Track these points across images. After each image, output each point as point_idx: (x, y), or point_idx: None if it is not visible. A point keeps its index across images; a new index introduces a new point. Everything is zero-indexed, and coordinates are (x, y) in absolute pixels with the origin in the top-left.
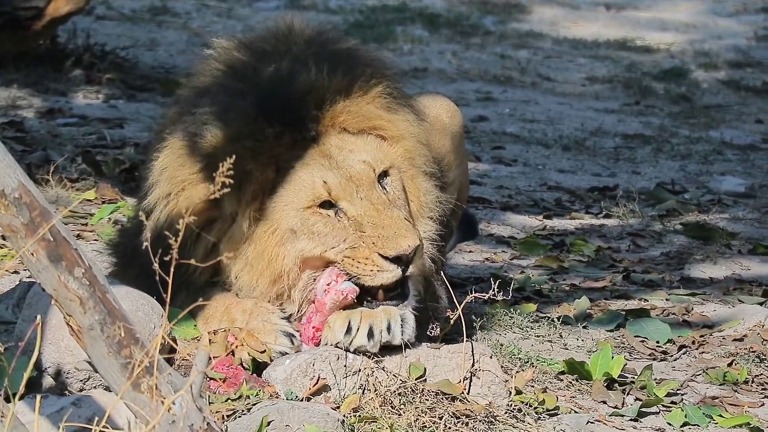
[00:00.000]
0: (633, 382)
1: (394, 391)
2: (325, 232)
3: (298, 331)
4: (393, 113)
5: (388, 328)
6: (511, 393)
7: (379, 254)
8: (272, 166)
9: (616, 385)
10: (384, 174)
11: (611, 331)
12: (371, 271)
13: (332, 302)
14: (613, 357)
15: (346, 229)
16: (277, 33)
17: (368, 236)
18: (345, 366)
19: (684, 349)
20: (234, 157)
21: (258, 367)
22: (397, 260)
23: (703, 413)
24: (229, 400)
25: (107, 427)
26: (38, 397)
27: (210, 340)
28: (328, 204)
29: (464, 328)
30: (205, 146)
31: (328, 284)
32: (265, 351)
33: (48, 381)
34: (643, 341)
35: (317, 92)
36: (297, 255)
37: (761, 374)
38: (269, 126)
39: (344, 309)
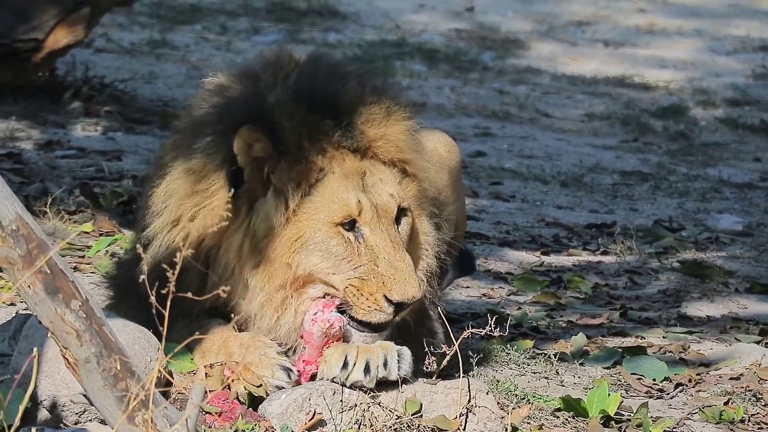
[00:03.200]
0: (629, 420)
1: (390, 427)
2: (341, 255)
3: (294, 365)
4: (416, 150)
5: (385, 364)
6: (507, 429)
7: (385, 295)
8: (322, 159)
9: (613, 422)
10: (402, 212)
11: (608, 368)
12: (369, 307)
13: (319, 331)
14: (609, 394)
15: (360, 258)
16: (299, 57)
17: (380, 273)
18: (341, 401)
19: (680, 387)
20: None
21: (254, 402)
22: (398, 305)
23: None
24: None
25: None
26: (34, 429)
27: (206, 373)
28: (351, 224)
29: (461, 364)
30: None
31: (315, 314)
32: (261, 385)
33: (44, 414)
34: (639, 379)
35: (364, 106)
36: (307, 269)
37: (757, 413)
38: (323, 118)
39: (336, 341)
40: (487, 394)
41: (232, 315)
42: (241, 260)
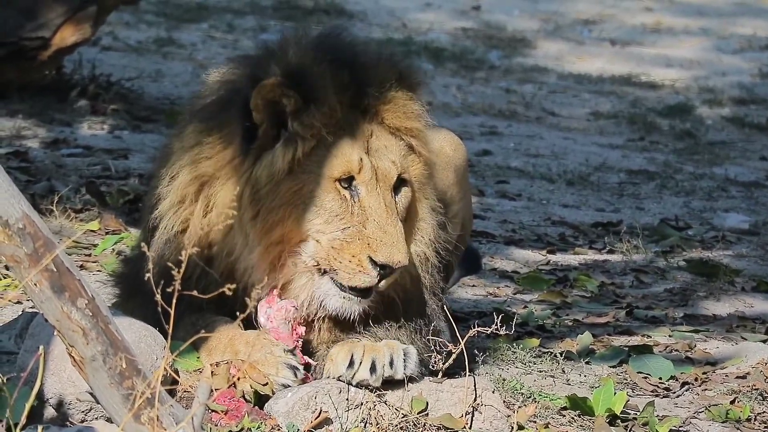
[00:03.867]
0: (635, 419)
1: (396, 425)
2: (334, 211)
3: (302, 364)
4: (423, 123)
5: (391, 363)
6: (513, 428)
7: (369, 256)
8: (339, 112)
9: (619, 421)
10: (401, 183)
11: (614, 367)
12: (353, 269)
13: (281, 321)
14: (615, 393)
15: (352, 218)
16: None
17: (367, 234)
18: (347, 399)
19: (686, 386)
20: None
21: (260, 400)
22: (382, 268)
23: None
24: None
25: None
26: (40, 428)
27: (212, 372)
28: (349, 182)
29: (467, 363)
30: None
31: (265, 314)
32: (267, 383)
33: (50, 412)
34: (645, 377)
35: (377, 70)
36: (302, 224)
37: (764, 412)
38: (341, 73)
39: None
40: (493, 392)
41: (238, 313)
42: (241, 209)
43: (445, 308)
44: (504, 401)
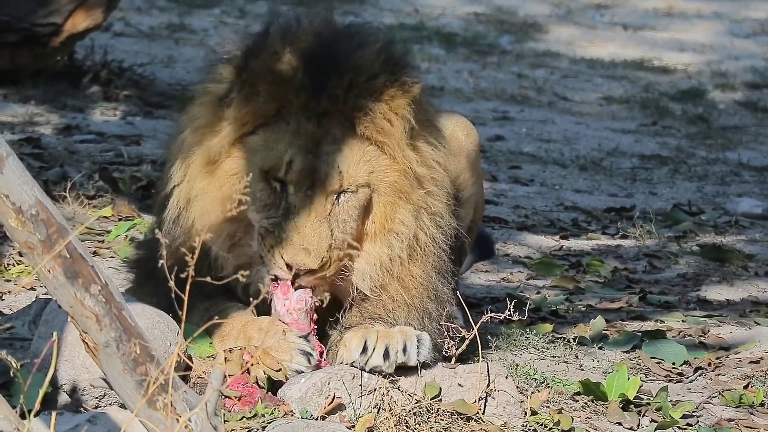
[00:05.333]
0: (648, 404)
1: (410, 411)
2: (263, 201)
3: (315, 349)
4: (403, 136)
5: (404, 349)
6: (526, 413)
7: (280, 252)
8: (275, 107)
9: (632, 406)
10: (347, 192)
11: (627, 352)
12: (269, 260)
13: (302, 313)
14: (628, 378)
15: (276, 212)
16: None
17: (282, 231)
18: (360, 385)
19: (700, 371)
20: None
21: (273, 386)
22: (288, 267)
23: None
24: (244, 419)
25: None
26: (54, 414)
27: (226, 358)
28: (280, 177)
29: (480, 348)
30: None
31: (284, 305)
32: (280, 369)
33: (63, 398)
34: (659, 363)
35: (357, 74)
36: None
37: None
38: (298, 74)
39: (358, 328)
40: (507, 378)
41: (251, 299)
42: (195, 172)
43: (458, 294)
44: (517, 387)
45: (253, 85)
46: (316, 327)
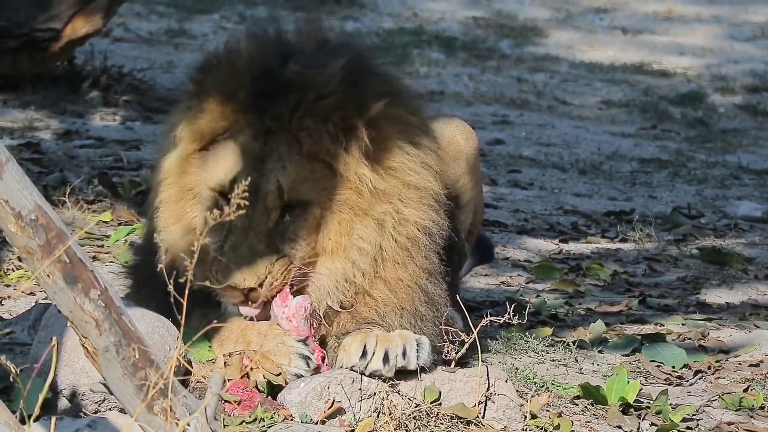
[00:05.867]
0: (648, 407)
1: (409, 415)
2: (209, 220)
3: (315, 353)
4: (361, 158)
5: (404, 353)
6: (526, 417)
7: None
8: (223, 125)
9: (632, 410)
10: (292, 206)
11: (627, 355)
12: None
13: (302, 320)
14: (628, 382)
15: (220, 229)
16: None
17: (222, 255)
18: (360, 389)
19: (700, 375)
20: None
21: (273, 390)
22: (230, 288)
23: None
24: (243, 423)
25: None
26: (53, 419)
27: (225, 362)
28: (225, 195)
29: (479, 352)
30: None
31: (284, 313)
32: (280, 374)
33: (63, 403)
34: (658, 366)
35: (301, 92)
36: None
37: None
38: (247, 92)
39: (357, 333)
40: (506, 381)
41: (250, 303)
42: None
43: (458, 297)
44: (517, 390)
45: (204, 103)
46: (316, 332)
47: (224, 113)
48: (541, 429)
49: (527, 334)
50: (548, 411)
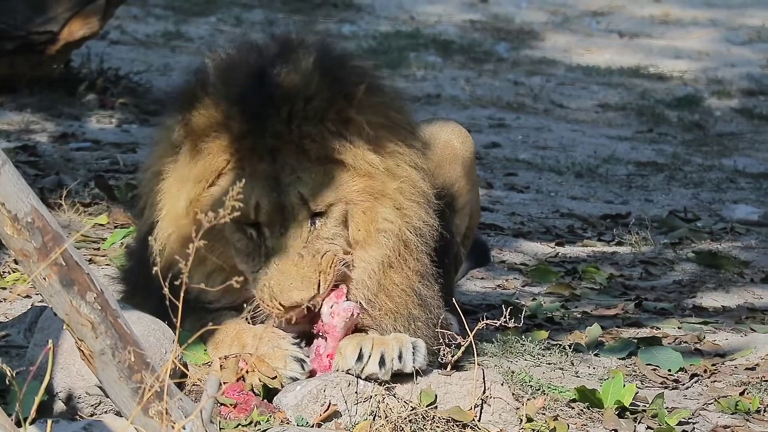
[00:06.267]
0: (644, 411)
1: (405, 418)
2: (243, 251)
3: (308, 356)
4: (365, 145)
5: (400, 357)
6: (522, 420)
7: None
8: (225, 158)
9: (628, 413)
10: (319, 213)
11: (623, 359)
12: (266, 305)
13: (342, 322)
14: (624, 385)
15: (260, 257)
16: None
17: (270, 277)
18: (356, 392)
19: (696, 378)
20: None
21: (269, 393)
22: (284, 307)
23: None
24: (239, 426)
25: None
26: (49, 421)
27: (221, 365)
28: (255, 223)
29: (476, 355)
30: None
31: (331, 307)
32: (276, 377)
33: (59, 405)
34: (654, 369)
35: (289, 103)
36: (226, 257)
37: None
38: (239, 120)
39: (354, 332)
40: (502, 385)
41: (245, 305)
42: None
43: (454, 301)
44: (513, 394)
45: (198, 144)
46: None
47: (222, 147)
48: None
49: (523, 337)
50: (544, 414)
